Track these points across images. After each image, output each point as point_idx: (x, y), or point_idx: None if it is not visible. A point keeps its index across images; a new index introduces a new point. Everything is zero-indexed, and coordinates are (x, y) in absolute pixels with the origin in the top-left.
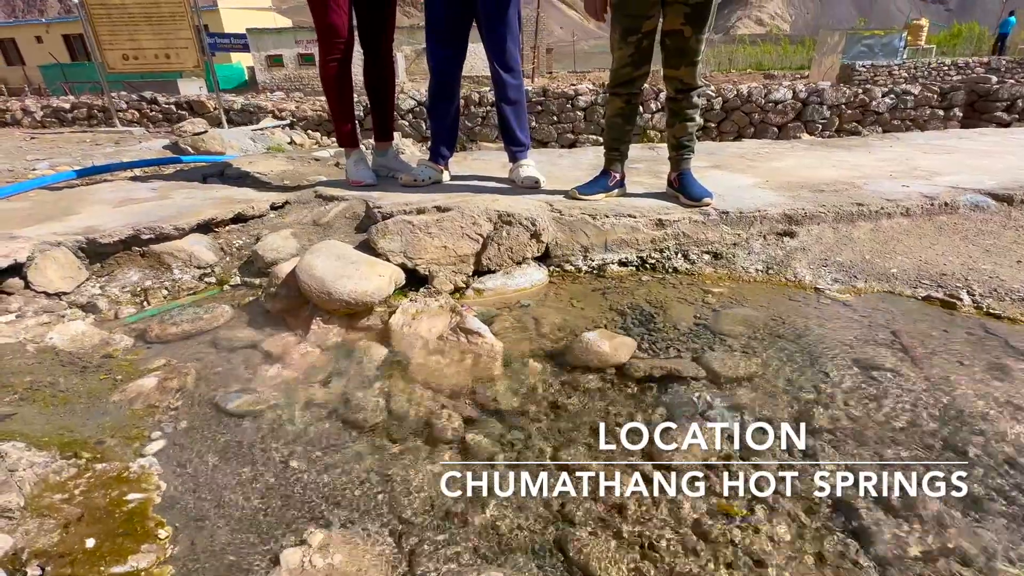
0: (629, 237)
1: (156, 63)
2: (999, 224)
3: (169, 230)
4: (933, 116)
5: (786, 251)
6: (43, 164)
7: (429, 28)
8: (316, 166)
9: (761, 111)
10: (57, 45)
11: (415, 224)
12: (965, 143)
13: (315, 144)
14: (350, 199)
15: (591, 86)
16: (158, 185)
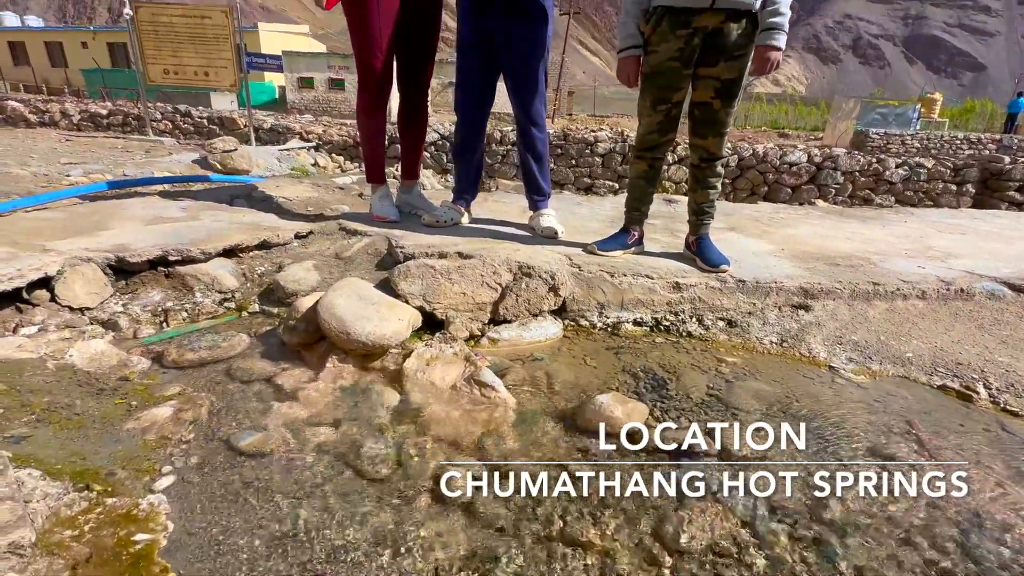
0: (645, 297)
1: (195, 79)
2: (1016, 315)
3: (196, 253)
4: (946, 191)
5: (801, 325)
6: (77, 171)
7: (459, 79)
8: (340, 194)
9: (776, 172)
10: (101, 51)
11: (436, 269)
12: (979, 224)
13: (337, 168)
14: (373, 235)
15: (610, 133)
16: (188, 204)
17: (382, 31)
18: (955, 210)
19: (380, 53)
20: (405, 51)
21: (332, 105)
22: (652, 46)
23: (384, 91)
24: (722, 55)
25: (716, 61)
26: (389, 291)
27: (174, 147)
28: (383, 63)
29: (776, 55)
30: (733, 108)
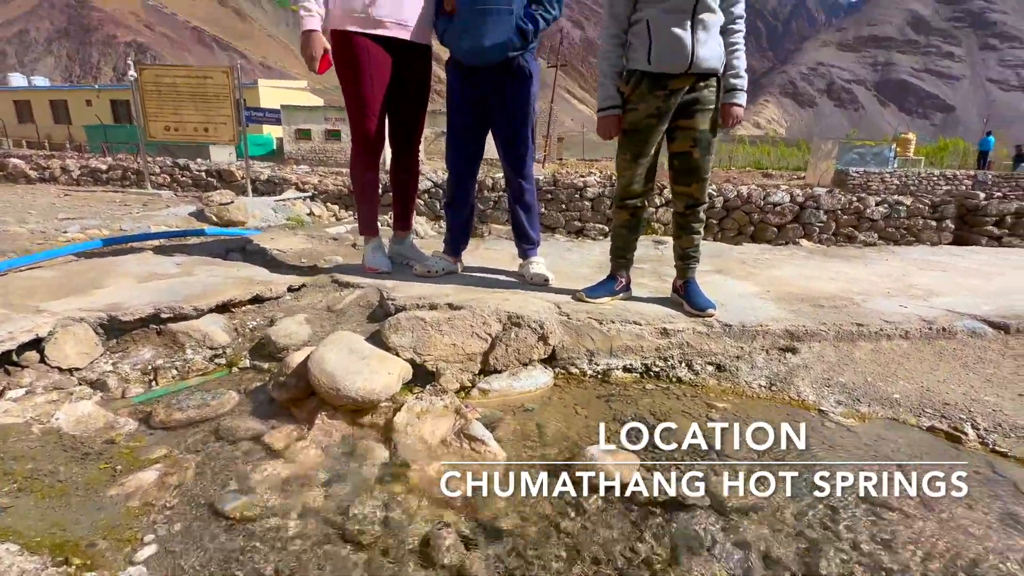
0: (634, 344)
1: (195, 135)
2: (998, 353)
3: (188, 310)
4: (926, 226)
5: (789, 368)
6: (74, 227)
7: (449, 136)
8: (333, 245)
9: (760, 211)
10: (104, 108)
11: (427, 321)
12: (958, 261)
13: (332, 216)
14: (365, 287)
15: (598, 178)
16: (182, 260)
17: (374, 92)
18: (935, 247)
19: (372, 114)
20: (396, 108)
21: (328, 155)
22: (631, 104)
23: (377, 148)
24: (697, 110)
25: (692, 115)
26: (380, 344)
27: (171, 200)
28: (376, 123)
29: (739, 111)
30: (711, 155)
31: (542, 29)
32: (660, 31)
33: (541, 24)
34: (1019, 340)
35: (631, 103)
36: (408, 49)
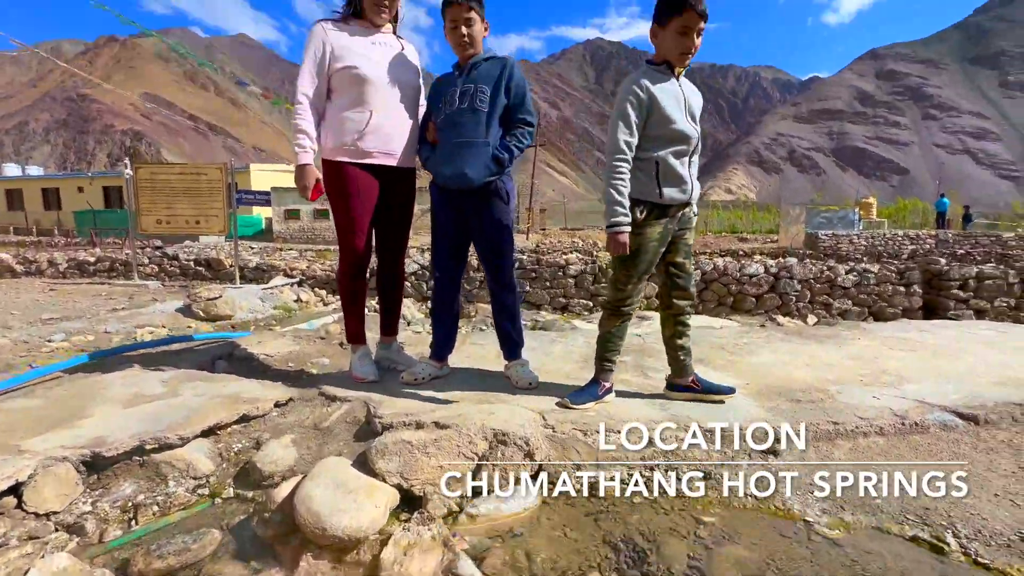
0: (619, 454)
1: (186, 228)
2: (970, 446)
3: (173, 439)
4: (896, 292)
5: (772, 472)
6: (58, 336)
7: (434, 250)
8: (320, 345)
9: (738, 283)
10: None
11: (413, 444)
12: (927, 337)
13: (320, 302)
14: (352, 400)
15: (580, 255)
16: (169, 376)
17: (363, 214)
18: (904, 322)
19: (361, 232)
20: (383, 226)
21: (317, 233)
22: (638, 228)
23: (364, 263)
24: (686, 227)
25: (683, 231)
26: (367, 470)
27: (158, 292)
28: (364, 240)
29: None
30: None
31: (516, 157)
32: (668, 171)
33: (516, 153)
34: (989, 432)
35: (638, 227)
36: (394, 173)
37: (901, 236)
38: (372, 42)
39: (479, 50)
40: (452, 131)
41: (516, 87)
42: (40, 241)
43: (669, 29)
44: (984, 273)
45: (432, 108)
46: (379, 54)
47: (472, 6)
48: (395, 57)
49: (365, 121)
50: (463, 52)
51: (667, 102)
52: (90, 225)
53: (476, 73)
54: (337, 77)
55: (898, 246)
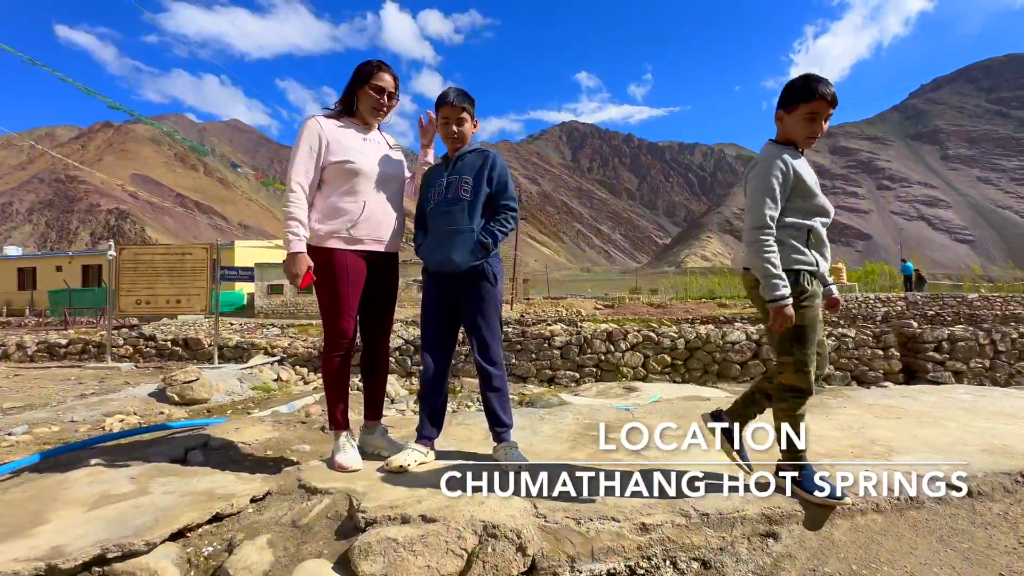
0: (615, 544)
1: (166, 307)
2: (968, 521)
3: (139, 545)
4: (875, 355)
5: (773, 558)
6: (19, 428)
7: (424, 333)
8: (301, 431)
9: (721, 351)
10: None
11: (398, 542)
12: (909, 403)
13: (300, 380)
14: (334, 492)
15: (564, 327)
16: (138, 471)
17: (351, 297)
18: (887, 388)
19: (349, 316)
20: (369, 309)
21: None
22: (804, 297)
23: (350, 347)
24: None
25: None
26: (348, 572)
27: (131, 374)
28: (352, 324)
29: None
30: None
31: (501, 240)
32: (818, 239)
33: (500, 237)
34: (983, 505)
35: (805, 295)
36: (381, 257)
37: (873, 299)
38: (364, 139)
39: (466, 144)
40: (441, 219)
41: (498, 177)
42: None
43: (796, 114)
44: (956, 335)
45: (423, 197)
46: (371, 150)
47: (465, 107)
48: (384, 153)
49: (359, 210)
50: (452, 146)
51: (808, 177)
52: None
53: (461, 164)
54: (331, 169)
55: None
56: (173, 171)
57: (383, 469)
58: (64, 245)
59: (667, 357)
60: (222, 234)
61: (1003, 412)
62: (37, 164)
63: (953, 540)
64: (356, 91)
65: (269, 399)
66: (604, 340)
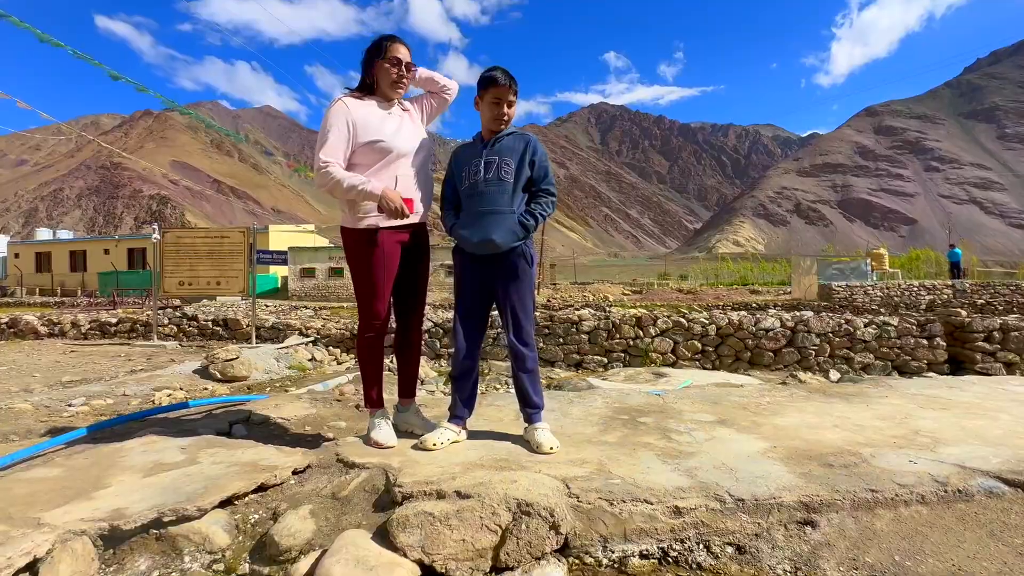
0: (648, 526)
1: (207, 289)
2: (1021, 516)
3: (192, 511)
4: (918, 345)
5: (811, 546)
6: (78, 400)
7: (457, 314)
8: (337, 408)
9: (754, 338)
10: (121, 255)
11: (435, 516)
12: (958, 394)
13: (334, 360)
14: (371, 467)
15: (592, 311)
16: (187, 442)
17: (386, 278)
18: (931, 378)
19: (383, 297)
20: (402, 284)
21: (331, 291)
22: None
23: (383, 328)
24: None
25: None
26: (387, 543)
27: (176, 352)
28: (385, 305)
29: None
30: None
31: (541, 223)
32: None
33: (541, 220)
34: None
35: None
36: (413, 229)
37: (916, 286)
38: (388, 114)
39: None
40: (478, 200)
41: (539, 162)
42: (64, 302)
43: None
44: (1009, 325)
45: (455, 175)
46: (395, 124)
47: (516, 90)
48: (409, 126)
49: (392, 187)
50: (496, 127)
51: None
52: (113, 286)
53: (500, 146)
54: (362, 151)
55: (914, 296)
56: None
57: (417, 447)
58: (110, 229)
59: (697, 343)
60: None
61: None
62: (84, 152)
63: (1005, 535)
64: (373, 69)
65: (304, 378)
66: (633, 325)
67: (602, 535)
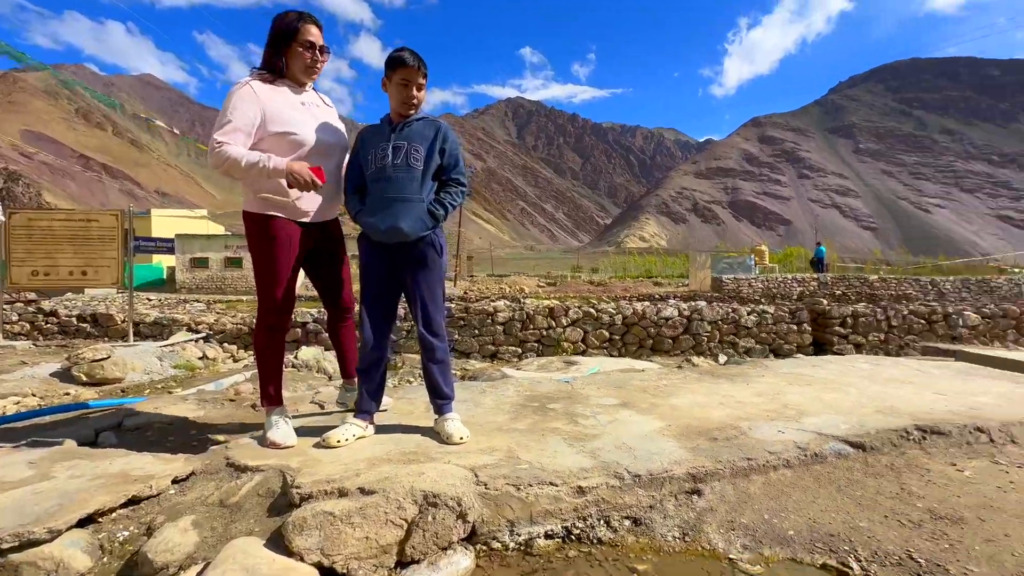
0: (553, 507)
1: (69, 280)
2: (862, 472)
3: (40, 533)
4: (790, 330)
5: (697, 512)
6: None
7: (364, 305)
8: (230, 409)
9: (655, 326)
10: None
11: (336, 515)
12: (818, 372)
13: (229, 358)
14: (266, 469)
15: (508, 303)
16: (39, 455)
17: (287, 264)
18: (799, 359)
19: (284, 284)
20: (318, 273)
21: (228, 283)
22: None
23: (285, 316)
24: None
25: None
26: (282, 549)
27: (29, 353)
28: (283, 291)
29: None
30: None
31: (450, 213)
32: None
33: (450, 209)
34: (875, 458)
35: None
36: (323, 226)
37: (790, 279)
38: (301, 102)
39: (417, 112)
40: (385, 185)
41: (450, 150)
42: None
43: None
44: (858, 312)
45: (361, 158)
46: (309, 115)
47: (425, 72)
48: (325, 119)
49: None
50: (404, 111)
51: None
52: None
53: (409, 131)
54: (272, 140)
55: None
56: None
57: (320, 445)
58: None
59: (605, 332)
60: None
61: (893, 378)
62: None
63: (849, 489)
64: (283, 51)
65: (194, 378)
66: (546, 316)
67: (509, 520)
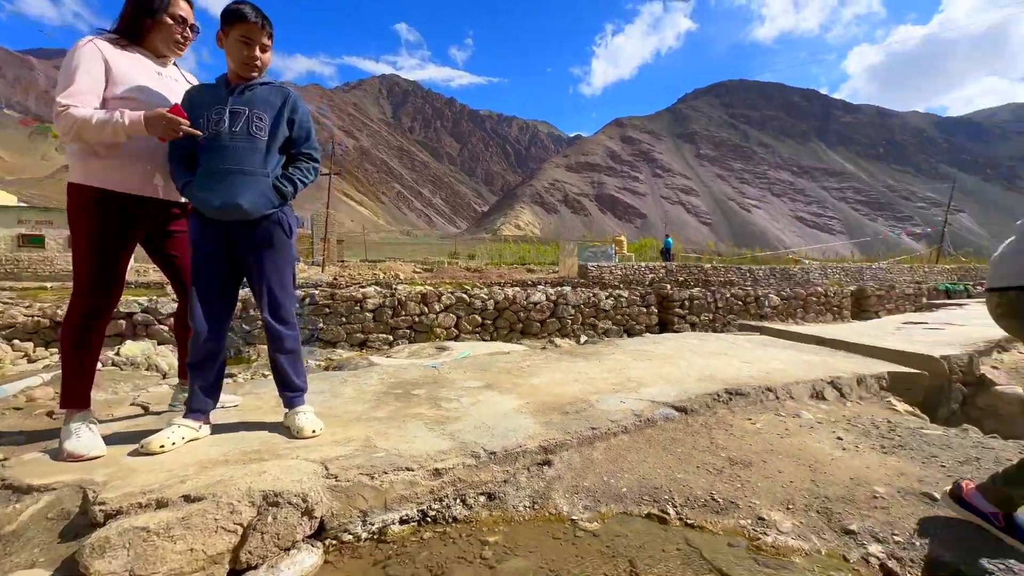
0: (408, 492)
1: None
2: (683, 431)
3: None
4: (640, 312)
5: (546, 481)
6: None
7: (196, 291)
8: (16, 418)
9: (525, 310)
10: None
11: (150, 529)
12: (658, 348)
13: (23, 357)
14: (59, 488)
15: (378, 288)
16: None
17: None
18: (644, 337)
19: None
20: (167, 260)
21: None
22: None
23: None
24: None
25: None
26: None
27: None
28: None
29: None
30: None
31: (300, 190)
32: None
33: (300, 187)
34: (694, 419)
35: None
36: (165, 206)
37: (644, 267)
38: (159, 73)
39: (261, 75)
40: (220, 155)
41: (300, 121)
42: None
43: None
44: (694, 295)
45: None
46: (164, 87)
47: (271, 33)
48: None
49: (142, 157)
50: (246, 74)
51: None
52: None
53: (252, 96)
54: (114, 105)
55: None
56: None
57: (138, 452)
58: None
59: (478, 317)
60: None
61: (714, 352)
62: None
63: (672, 447)
64: (148, 19)
65: None
66: (419, 302)
67: (361, 510)
